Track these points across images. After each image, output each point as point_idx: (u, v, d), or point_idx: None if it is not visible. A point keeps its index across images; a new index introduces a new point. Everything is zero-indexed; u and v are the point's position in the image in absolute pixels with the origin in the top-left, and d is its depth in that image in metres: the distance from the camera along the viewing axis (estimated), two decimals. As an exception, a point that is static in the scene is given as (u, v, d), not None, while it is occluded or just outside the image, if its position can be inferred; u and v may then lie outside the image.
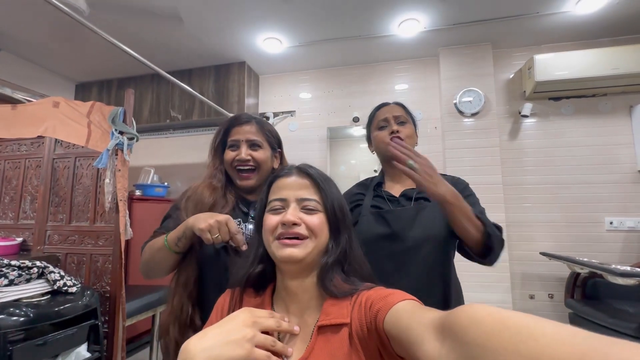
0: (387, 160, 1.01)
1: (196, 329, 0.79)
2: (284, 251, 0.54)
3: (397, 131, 0.96)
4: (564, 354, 0.23)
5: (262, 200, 0.63)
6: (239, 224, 0.88)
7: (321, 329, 0.53)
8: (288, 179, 0.61)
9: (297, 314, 0.57)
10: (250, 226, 0.89)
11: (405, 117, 1.00)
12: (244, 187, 0.93)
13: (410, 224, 0.89)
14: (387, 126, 0.99)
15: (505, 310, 0.30)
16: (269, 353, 0.46)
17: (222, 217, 0.76)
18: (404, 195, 0.97)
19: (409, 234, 0.88)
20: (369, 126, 1.07)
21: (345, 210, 0.62)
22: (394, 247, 0.88)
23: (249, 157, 0.91)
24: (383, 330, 0.46)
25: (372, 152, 1.07)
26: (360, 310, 0.52)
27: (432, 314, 0.39)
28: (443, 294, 0.89)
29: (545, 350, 0.24)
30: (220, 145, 0.96)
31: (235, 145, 0.93)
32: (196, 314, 0.82)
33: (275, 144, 0.99)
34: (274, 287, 0.62)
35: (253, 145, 0.93)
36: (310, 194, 0.59)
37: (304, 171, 0.61)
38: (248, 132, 0.93)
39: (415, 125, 1.03)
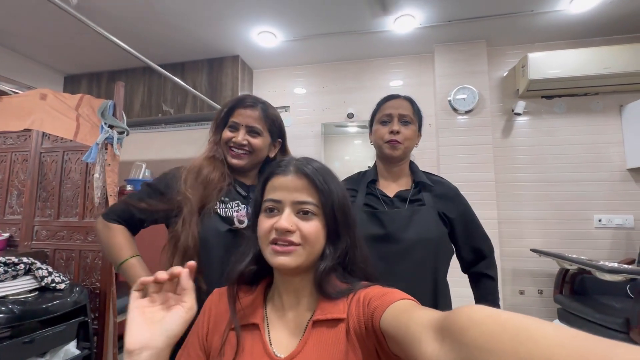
0: (382, 156, 1.00)
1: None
2: (276, 259, 0.53)
3: (397, 132, 0.94)
4: (563, 357, 0.22)
5: (257, 199, 0.61)
6: (237, 205, 0.89)
7: (316, 323, 0.53)
8: (284, 177, 0.56)
9: (293, 309, 0.57)
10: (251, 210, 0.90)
11: (412, 116, 0.97)
12: (233, 165, 0.92)
13: (404, 226, 0.89)
14: (390, 122, 0.96)
15: (505, 312, 0.30)
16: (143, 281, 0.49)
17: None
18: (398, 196, 0.96)
19: (403, 235, 0.88)
20: (373, 115, 1.04)
21: (347, 210, 0.59)
22: (387, 248, 0.88)
23: (245, 142, 0.90)
24: (379, 328, 0.46)
25: (370, 142, 1.05)
26: (358, 307, 0.51)
27: (431, 314, 0.39)
28: (432, 296, 0.89)
29: (544, 353, 0.23)
30: (222, 122, 0.95)
31: (235, 127, 0.91)
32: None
33: (277, 133, 0.97)
34: (268, 282, 0.62)
35: (252, 131, 0.91)
36: (307, 197, 0.55)
37: (302, 170, 0.56)
38: (250, 116, 0.91)
39: (420, 126, 1.01)
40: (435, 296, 0.90)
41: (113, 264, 0.94)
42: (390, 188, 0.99)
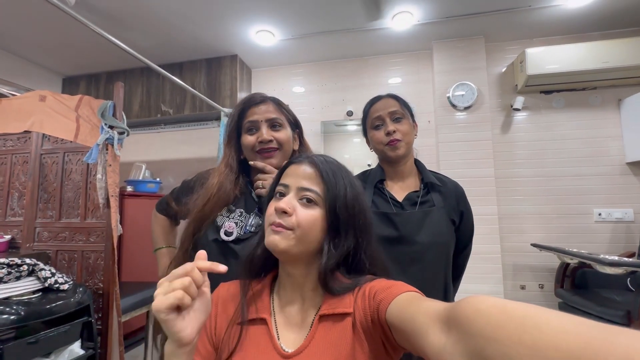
0: (386, 159, 0.99)
1: None
2: (269, 238, 0.54)
3: (394, 131, 0.93)
4: (568, 344, 0.23)
5: (272, 186, 0.62)
6: (240, 215, 0.85)
7: (322, 318, 0.53)
8: (297, 166, 0.59)
9: (298, 302, 0.57)
10: (253, 220, 0.84)
11: (401, 111, 0.95)
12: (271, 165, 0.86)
13: (418, 228, 0.89)
14: (383, 125, 0.95)
15: (510, 302, 0.30)
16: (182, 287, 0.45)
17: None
18: (408, 199, 0.95)
19: (417, 238, 0.88)
20: (364, 122, 1.03)
21: (357, 210, 0.57)
22: (400, 250, 0.87)
23: (271, 138, 0.83)
24: (385, 320, 0.46)
25: (370, 149, 1.04)
26: (364, 300, 0.51)
27: (436, 305, 0.39)
28: (444, 297, 0.90)
29: (549, 340, 0.24)
30: (235, 132, 0.88)
31: (254, 128, 0.85)
32: None
33: (294, 123, 0.92)
34: (275, 275, 0.62)
35: (273, 125, 0.85)
36: (312, 185, 0.56)
37: (313, 161, 0.59)
38: (266, 111, 0.85)
39: (412, 116, 1.00)
40: (446, 296, 0.91)
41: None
42: (398, 190, 0.97)
